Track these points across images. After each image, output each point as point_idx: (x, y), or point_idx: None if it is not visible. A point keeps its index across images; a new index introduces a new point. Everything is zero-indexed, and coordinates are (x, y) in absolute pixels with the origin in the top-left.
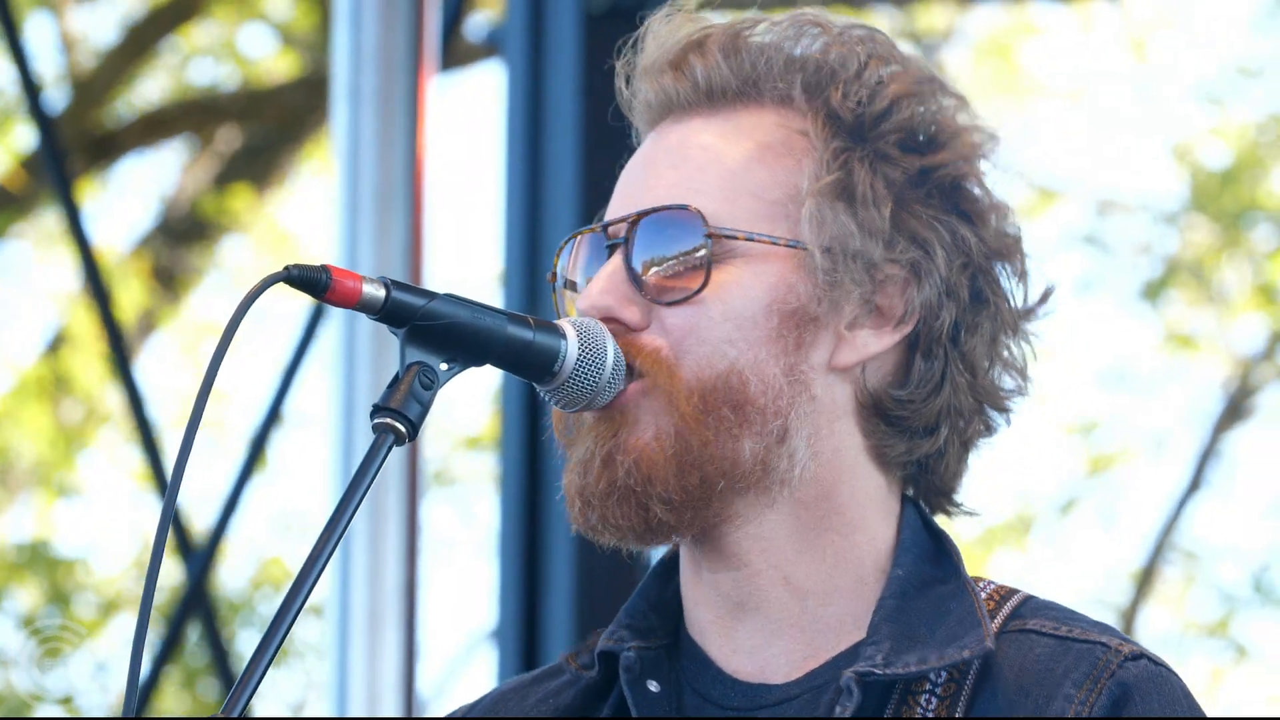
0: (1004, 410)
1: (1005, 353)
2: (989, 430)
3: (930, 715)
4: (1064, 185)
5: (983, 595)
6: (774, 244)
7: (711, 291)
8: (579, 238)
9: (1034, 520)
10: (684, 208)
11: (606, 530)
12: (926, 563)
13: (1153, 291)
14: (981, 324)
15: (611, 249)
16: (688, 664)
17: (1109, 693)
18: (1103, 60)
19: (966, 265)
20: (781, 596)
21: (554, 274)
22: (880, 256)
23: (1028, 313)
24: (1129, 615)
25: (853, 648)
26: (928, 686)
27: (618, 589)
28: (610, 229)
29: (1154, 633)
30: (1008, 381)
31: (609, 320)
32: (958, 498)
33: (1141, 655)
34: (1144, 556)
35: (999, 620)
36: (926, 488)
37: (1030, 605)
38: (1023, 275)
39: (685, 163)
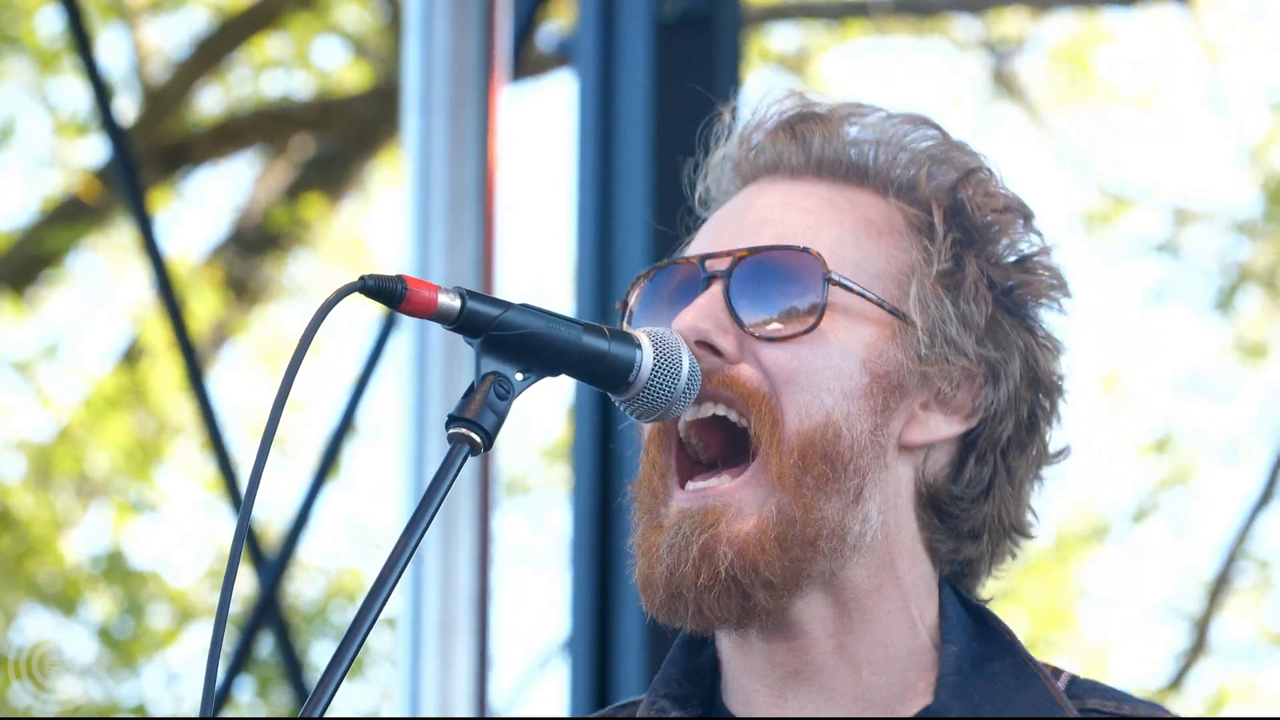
0: (1025, 539)
1: (1032, 486)
2: (1003, 557)
3: None
4: (1137, 193)
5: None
6: (881, 306)
7: (816, 337)
8: (656, 272)
9: (1107, 529)
10: (805, 250)
11: (695, 621)
12: (974, 640)
13: (1225, 300)
14: (1029, 447)
15: (709, 281)
16: None
17: None
18: (1176, 67)
19: (1033, 384)
20: (837, 666)
21: (624, 304)
22: (971, 350)
23: (1050, 457)
24: (1202, 624)
25: (916, 716)
26: None
27: None
28: (709, 262)
29: (1228, 642)
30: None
31: (702, 345)
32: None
33: None
34: (1217, 565)
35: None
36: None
37: (1080, 685)
38: (1055, 420)
39: (793, 217)
